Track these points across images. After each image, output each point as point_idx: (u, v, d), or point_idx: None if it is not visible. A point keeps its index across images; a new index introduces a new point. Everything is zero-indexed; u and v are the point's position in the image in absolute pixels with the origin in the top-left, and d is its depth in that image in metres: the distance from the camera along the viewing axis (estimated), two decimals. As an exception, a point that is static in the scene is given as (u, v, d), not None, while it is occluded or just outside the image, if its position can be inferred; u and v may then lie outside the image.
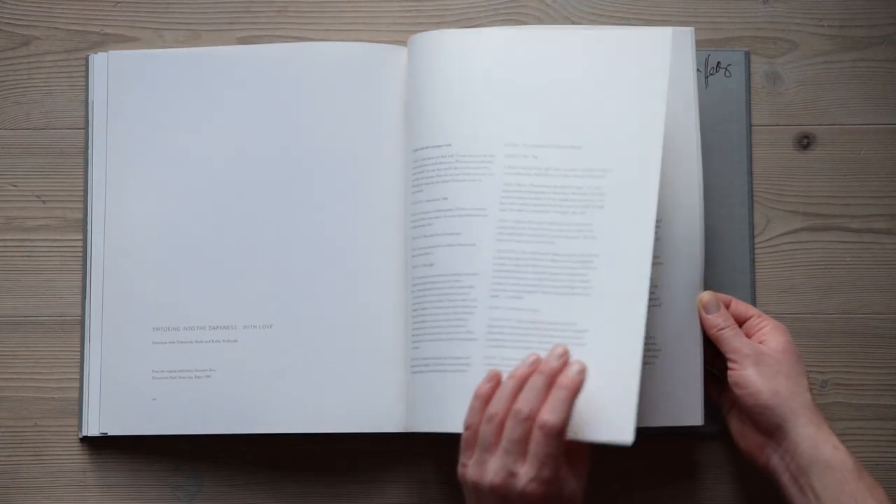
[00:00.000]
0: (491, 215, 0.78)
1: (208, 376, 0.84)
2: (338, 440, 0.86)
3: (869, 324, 0.88)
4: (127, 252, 0.86)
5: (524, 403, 0.71)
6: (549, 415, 0.70)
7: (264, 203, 0.85)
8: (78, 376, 0.87)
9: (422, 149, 0.81)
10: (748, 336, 0.80)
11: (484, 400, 0.73)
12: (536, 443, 0.70)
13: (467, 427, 0.73)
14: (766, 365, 0.77)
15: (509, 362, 0.75)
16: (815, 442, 0.75)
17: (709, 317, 0.80)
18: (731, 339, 0.79)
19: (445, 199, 0.79)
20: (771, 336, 0.79)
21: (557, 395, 0.70)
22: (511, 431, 0.70)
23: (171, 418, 0.84)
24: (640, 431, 0.76)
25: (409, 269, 0.82)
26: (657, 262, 0.81)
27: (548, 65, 0.80)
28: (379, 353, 0.84)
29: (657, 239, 0.81)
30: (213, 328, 0.85)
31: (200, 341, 0.85)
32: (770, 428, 0.77)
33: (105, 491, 0.87)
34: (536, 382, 0.71)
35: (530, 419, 0.70)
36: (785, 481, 0.76)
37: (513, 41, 0.81)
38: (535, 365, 0.73)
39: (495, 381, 0.73)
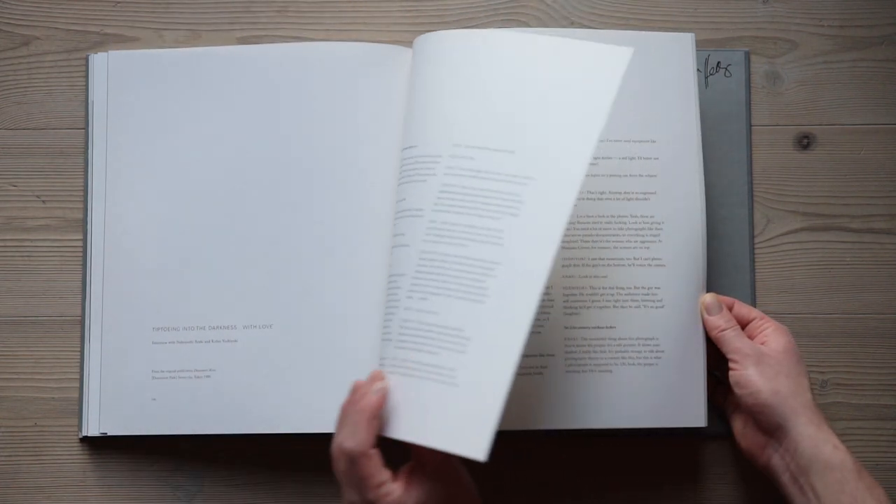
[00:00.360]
0: (425, 216, 0.76)
1: (208, 376, 0.84)
2: (338, 440, 0.86)
3: (869, 324, 0.88)
4: (127, 252, 0.86)
5: (336, 437, 0.72)
6: (347, 441, 0.70)
7: (264, 203, 0.85)
8: (78, 376, 0.87)
9: (404, 149, 0.81)
10: (750, 338, 0.80)
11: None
12: (345, 468, 0.71)
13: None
14: (766, 365, 0.78)
15: (409, 364, 0.73)
16: (816, 441, 0.75)
17: (711, 318, 0.80)
18: (733, 340, 0.79)
19: (404, 199, 0.79)
20: (772, 337, 0.80)
21: (354, 419, 0.71)
22: (335, 464, 0.72)
23: (171, 418, 0.84)
24: (644, 432, 0.76)
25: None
26: (658, 263, 0.81)
27: (507, 68, 0.78)
28: (379, 353, 0.84)
29: (658, 241, 0.81)
30: (213, 328, 0.85)
31: (200, 341, 0.85)
32: (770, 427, 0.77)
33: (105, 491, 0.87)
34: (346, 412, 0.72)
35: (344, 454, 0.71)
36: (785, 481, 0.77)
37: (487, 43, 0.80)
38: (355, 393, 0.73)
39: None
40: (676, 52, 0.83)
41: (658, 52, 0.83)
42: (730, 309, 0.81)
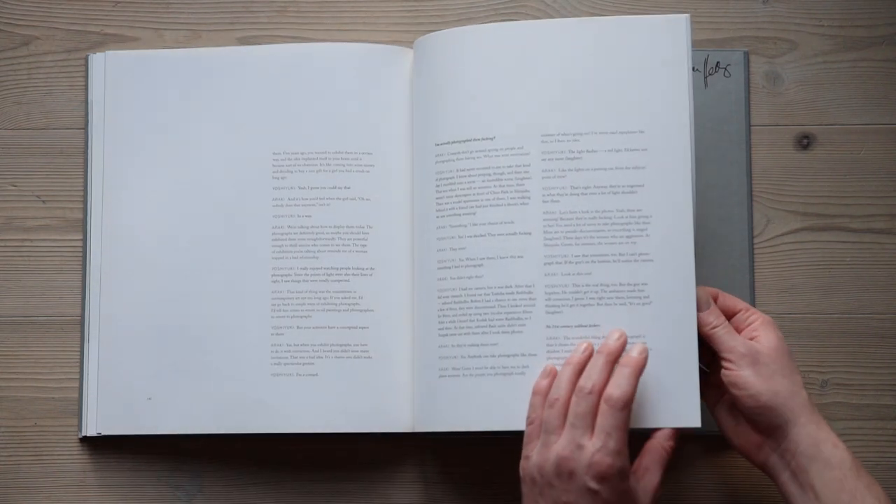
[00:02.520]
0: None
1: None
2: (338, 440, 0.86)
3: (869, 324, 0.87)
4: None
5: (587, 381, 0.75)
6: (614, 389, 0.74)
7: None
8: (78, 376, 0.87)
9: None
10: (738, 331, 0.79)
11: (543, 394, 0.76)
12: (603, 415, 0.73)
13: (530, 422, 0.76)
14: (762, 364, 0.77)
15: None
16: (816, 440, 0.75)
17: (701, 315, 0.78)
18: (725, 339, 0.78)
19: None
20: (762, 332, 0.78)
21: (621, 373, 0.75)
22: (576, 406, 0.74)
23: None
24: (635, 432, 0.76)
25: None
26: (646, 258, 0.79)
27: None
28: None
29: (646, 235, 0.79)
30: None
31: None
32: (769, 428, 0.77)
33: (105, 491, 0.87)
34: (597, 362, 0.76)
35: (594, 393, 0.74)
36: (784, 479, 0.76)
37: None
38: (588, 350, 0.77)
39: (552, 375, 0.77)
40: (669, 35, 0.80)
41: (649, 36, 0.80)
42: (714, 300, 0.80)
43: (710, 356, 0.80)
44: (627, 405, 0.73)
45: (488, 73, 0.81)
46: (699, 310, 0.78)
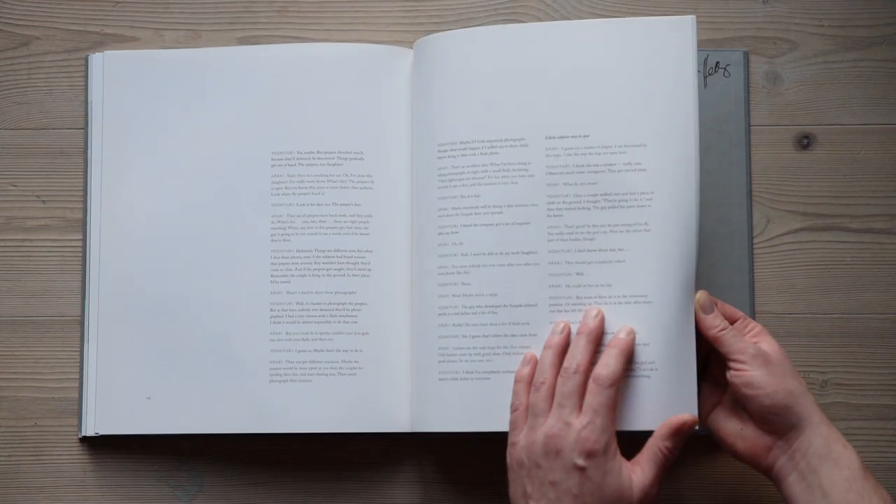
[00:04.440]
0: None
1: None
2: (338, 440, 0.86)
3: (869, 324, 0.87)
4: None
5: (571, 361, 0.76)
6: (602, 368, 0.75)
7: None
8: (78, 376, 0.87)
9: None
10: None
11: (526, 381, 0.77)
12: (591, 394, 0.74)
13: (514, 409, 0.77)
14: (774, 365, 0.76)
15: None
16: (828, 440, 0.75)
17: (707, 317, 0.78)
18: (734, 341, 0.77)
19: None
20: (764, 338, 0.78)
21: (609, 353, 0.76)
22: (563, 386, 0.75)
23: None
24: (634, 434, 0.76)
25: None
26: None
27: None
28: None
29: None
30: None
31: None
32: (783, 428, 0.76)
33: (105, 491, 0.87)
34: (579, 342, 0.76)
35: (580, 372, 0.75)
36: (791, 481, 0.75)
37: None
38: (566, 332, 0.78)
39: (532, 362, 0.78)
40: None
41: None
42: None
43: (699, 367, 0.79)
44: (615, 383, 0.74)
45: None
46: (704, 313, 0.78)
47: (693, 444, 0.86)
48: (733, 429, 0.79)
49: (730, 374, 0.77)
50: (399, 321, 0.84)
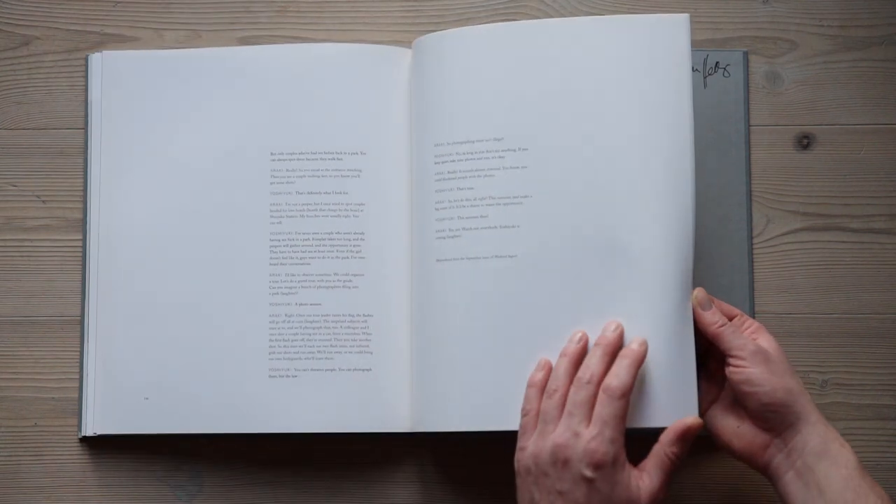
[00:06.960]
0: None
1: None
2: (338, 440, 0.86)
3: (869, 324, 0.87)
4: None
5: (585, 371, 0.75)
6: (613, 379, 0.74)
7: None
8: (78, 376, 0.87)
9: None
10: None
11: (539, 387, 0.77)
12: (601, 404, 0.74)
13: (525, 413, 0.76)
14: (773, 362, 0.76)
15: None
16: (825, 439, 0.75)
17: (706, 314, 0.78)
18: (733, 337, 0.77)
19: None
20: (762, 335, 0.78)
21: (621, 363, 0.75)
22: (574, 395, 0.75)
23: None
24: (635, 432, 0.76)
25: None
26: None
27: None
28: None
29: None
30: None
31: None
32: (781, 426, 0.76)
33: (105, 491, 0.87)
34: (595, 353, 0.76)
35: (593, 383, 0.75)
36: (787, 479, 0.75)
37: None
38: (584, 340, 0.77)
39: (547, 368, 0.77)
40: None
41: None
42: None
43: (711, 360, 0.80)
44: (626, 395, 0.74)
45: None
46: (703, 309, 0.78)
47: (692, 444, 0.86)
48: (730, 426, 0.79)
49: (729, 371, 0.77)
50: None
